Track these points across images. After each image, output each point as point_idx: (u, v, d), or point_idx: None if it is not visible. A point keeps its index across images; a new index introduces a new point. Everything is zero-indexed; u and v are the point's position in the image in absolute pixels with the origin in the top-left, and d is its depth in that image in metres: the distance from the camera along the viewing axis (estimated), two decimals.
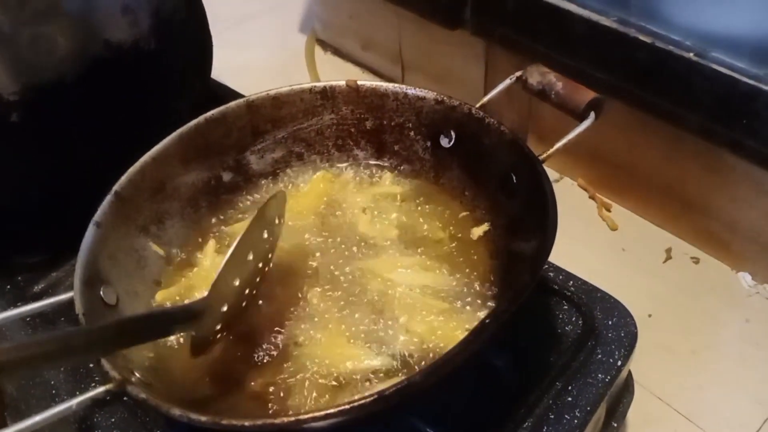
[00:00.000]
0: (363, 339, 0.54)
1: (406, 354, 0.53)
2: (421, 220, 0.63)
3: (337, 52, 1.24)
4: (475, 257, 0.59)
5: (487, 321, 0.43)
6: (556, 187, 0.96)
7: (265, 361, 0.53)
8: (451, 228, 0.62)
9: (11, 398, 0.61)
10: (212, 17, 0.80)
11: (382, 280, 0.58)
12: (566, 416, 0.54)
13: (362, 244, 0.61)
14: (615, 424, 0.64)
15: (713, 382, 0.73)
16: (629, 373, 0.64)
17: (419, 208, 0.64)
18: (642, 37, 0.74)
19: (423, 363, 0.52)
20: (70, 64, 0.57)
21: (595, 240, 0.88)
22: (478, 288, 0.56)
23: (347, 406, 0.39)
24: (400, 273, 0.58)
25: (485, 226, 0.60)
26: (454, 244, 0.60)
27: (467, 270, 0.58)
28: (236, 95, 0.84)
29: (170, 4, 0.65)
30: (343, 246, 0.61)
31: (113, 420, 0.56)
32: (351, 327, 0.55)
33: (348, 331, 0.55)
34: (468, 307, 0.55)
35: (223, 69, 0.89)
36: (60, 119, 0.60)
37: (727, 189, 0.78)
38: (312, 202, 0.66)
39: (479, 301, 0.56)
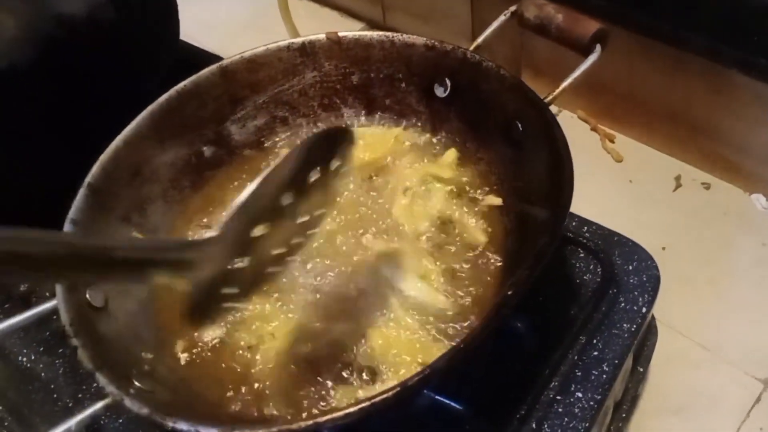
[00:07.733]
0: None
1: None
2: (465, 218, 0.55)
3: None
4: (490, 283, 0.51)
5: (509, 292, 0.39)
6: None
7: None
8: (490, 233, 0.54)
9: (13, 403, 0.58)
10: None
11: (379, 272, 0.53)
12: (594, 372, 0.52)
13: (385, 232, 0.55)
14: (641, 369, 0.62)
15: (734, 311, 0.71)
16: (652, 315, 0.62)
17: (470, 202, 0.56)
18: None
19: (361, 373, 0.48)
20: (22, 48, 0.51)
21: (601, 174, 0.85)
22: (469, 322, 0.49)
23: (367, 403, 0.36)
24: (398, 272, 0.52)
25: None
26: (480, 258, 0.53)
27: (470, 300, 0.51)
28: (209, 57, 0.79)
29: None
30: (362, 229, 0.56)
31: (120, 421, 0.54)
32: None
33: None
34: (442, 342, 0.48)
35: (193, 28, 0.83)
36: (18, 110, 0.54)
37: (736, 109, 0.74)
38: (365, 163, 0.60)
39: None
